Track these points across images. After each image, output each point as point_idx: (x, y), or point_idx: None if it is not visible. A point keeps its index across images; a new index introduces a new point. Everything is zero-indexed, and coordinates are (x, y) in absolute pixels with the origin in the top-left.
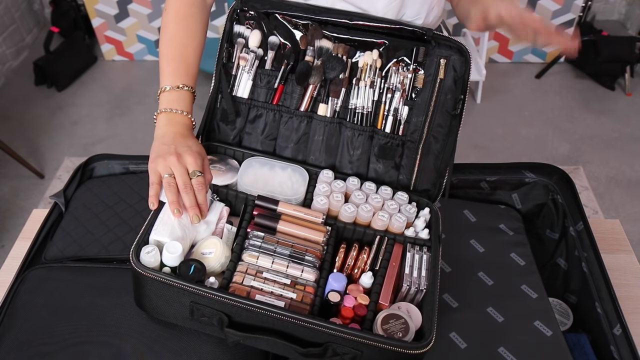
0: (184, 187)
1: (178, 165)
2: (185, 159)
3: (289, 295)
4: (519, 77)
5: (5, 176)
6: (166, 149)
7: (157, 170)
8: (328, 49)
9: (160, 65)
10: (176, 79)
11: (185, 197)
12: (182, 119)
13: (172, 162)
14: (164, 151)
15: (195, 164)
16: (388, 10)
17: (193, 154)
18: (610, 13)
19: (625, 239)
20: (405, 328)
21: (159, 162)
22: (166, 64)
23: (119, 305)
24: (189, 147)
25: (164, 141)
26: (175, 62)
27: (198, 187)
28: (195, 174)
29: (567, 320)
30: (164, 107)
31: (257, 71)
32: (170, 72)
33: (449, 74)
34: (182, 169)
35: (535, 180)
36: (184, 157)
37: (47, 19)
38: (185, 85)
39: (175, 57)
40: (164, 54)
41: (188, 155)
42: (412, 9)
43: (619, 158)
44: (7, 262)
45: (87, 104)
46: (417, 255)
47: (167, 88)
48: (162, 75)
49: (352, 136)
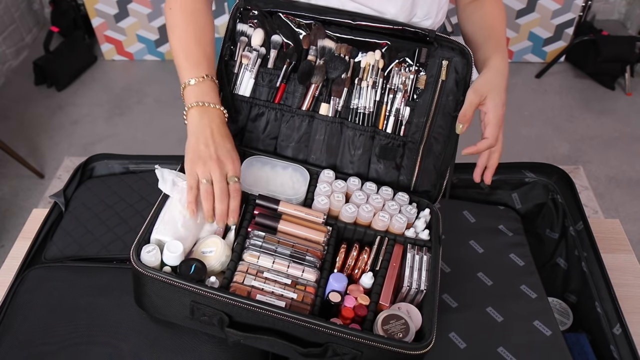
0: (220, 195)
1: (218, 171)
2: (226, 166)
3: (289, 295)
4: (519, 76)
5: (5, 176)
6: (205, 150)
7: (196, 175)
8: (330, 48)
9: (177, 62)
10: (199, 70)
11: (218, 205)
12: (216, 111)
13: (213, 168)
14: (203, 153)
15: (234, 171)
16: (400, 13)
17: (234, 160)
18: (610, 13)
19: (625, 239)
20: (405, 328)
21: (199, 165)
22: (183, 58)
23: (119, 304)
24: (228, 150)
25: (203, 140)
26: (193, 55)
27: (234, 194)
28: (233, 180)
29: (567, 319)
30: (194, 101)
31: (259, 70)
32: (191, 66)
33: (451, 75)
34: (221, 176)
35: (535, 180)
36: (225, 163)
37: (47, 19)
38: (209, 75)
39: (192, 51)
40: (179, 50)
41: (229, 161)
42: (422, 10)
43: (619, 158)
44: (7, 261)
45: (87, 103)
46: (417, 256)
47: (192, 82)
48: (182, 70)
49: (354, 136)
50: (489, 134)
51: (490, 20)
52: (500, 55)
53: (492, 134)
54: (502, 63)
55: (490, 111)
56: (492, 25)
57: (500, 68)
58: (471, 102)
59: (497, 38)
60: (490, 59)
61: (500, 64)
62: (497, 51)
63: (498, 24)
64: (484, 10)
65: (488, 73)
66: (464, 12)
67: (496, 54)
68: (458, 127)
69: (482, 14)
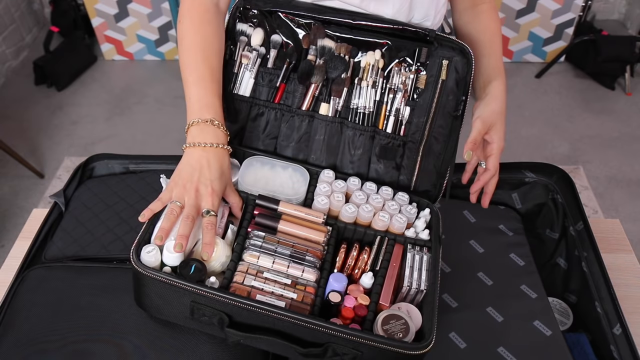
0: (185, 217)
1: (193, 199)
2: (203, 198)
3: (289, 296)
4: (519, 76)
5: (5, 176)
6: (189, 177)
7: (171, 194)
8: (330, 48)
9: (183, 75)
10: (201, 91)
11: (181, 226)
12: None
13: (189, 194)
14: (187, 177)
15: (211, 205)
16: (398, 15)
17: (213, 195)
18: (610, 13)
19: (625, 239)
20: (405, 329)
21: (179, 187)
22: (189, 72)
23: (119, 304)
24: (212, 186)
25: (194, 167)
26: (199, 67)
27: (207, 226)
28: (207, 213)
29: (567, 319)
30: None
31: (259, 69)
32: (195, 80)
33: (451, 75)
34: (194, 204)
35: (535, 180)
36: (203, 196)
37: (47, 19)
38: (215, 120)
39: (197, 63)
40: (186, 63)
41: (207, 194)
42: (420, 12)
43: (619, 158)
44: (7, 261)
45: (87, 103)
46: (417, 256)
47: (198, 121)
48: (187, 86)
49: (354, 136)
50: (492, 166)
51: (488, 35)
52: (501, 79)
53: (495, 165)
54: (503, 88)
55: (495, 143)
56: (491, 42)
57: (502, 95)
58: (480, 132)
59: (496, 57)
60: (492, 84)
61: (502, 90)
62: (499, 75)
63: (496, 40)
64: (481, 23)
65: (493, 103)
66: (460, 19)
67: (498, 79)
68: (468, 154)
69: (479, 27)
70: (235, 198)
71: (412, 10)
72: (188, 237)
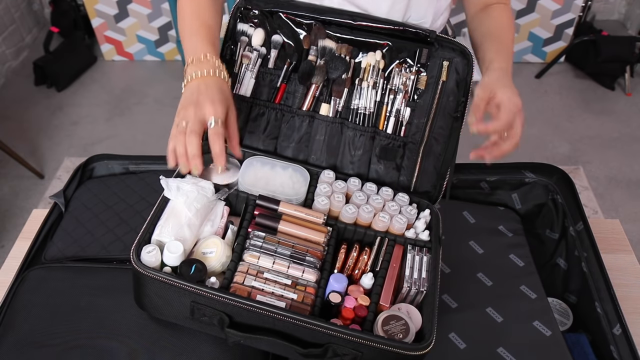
0: (189, 133)
1: (192, 114)
2: (204, 108)
3: (289, 296)
4: (519, 77)
5: (5, 176)
6: (189, 98)
7: (175, 122)
8: (331, 49)
9: (182, 39)
10: (196, 42)
11: (188, 144)
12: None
13: (189, 112)
14: (186, 102)
15: (213, 113)
16: (393, 12)
17: (214, 102)
18: (610, 13)
19: (625, 239)
20: (405, 329)
21: (181, 113)
22: (185, 32)
23: (119, 305)
24: (210, 96)
25: (191, 91)
26: (193, 25)
27: (213, 137)
28: (211, 122)
29: (567, 320)
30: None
31: (259, 70)
32: (189, 34)
33: (452, 76)
34: (195, 118)
35: (535, 180)
36: (203, 106)
37: (47, 19)
38: (210, 55)
39: (192, 23)
40: (184, 29)
41: (207, 104)
42: (417, 12)
43: (619, 158)
44: (7, 262)
45: (87, 104)
46: (417, 257)
47: (192, 60)
48: (184, 43)
49: (354, 136)
50: (501, 117)
51: (498, 26)
52: (504, 57)
53: (503, 117)
54: (507, 65)
55: (505, 101)
56: (499, 30)
57: (505, 69)
58: (481, 97)
59: (502, 41)
60: (494, 61)
61: (505, 66)
62: (501, 54)
63: (505, 29)
64: (491, 19)
65: (494, 73)
66: (472, 22)
67: (500, 56)
68: (471, 119)
69: (490, 23)
70: (234, 128)
71: (409, 10)
72: (199, 155)
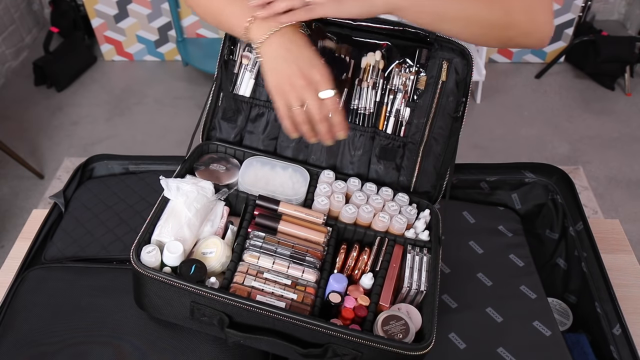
0: (321, 119)
1: (309, 91)
2: (314, 78)
3: (289, 296)
4: (519, 77)
5: (5, 176)
6: (287, 68)
7: (287, 102)
8: (331, 49)
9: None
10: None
11: (321, 127)
12: (289, 29)
13: (301, 88)
14: (286, 72)
15: (325, 82)
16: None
17: (319, 70)
18: (610, 13)
19: (625, 239)
20: (405, 329)
21: (286, 90)
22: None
23: (118, 305)
24: (310, 59)
25: (281, 56)
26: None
27: (333, 109)
28: (327, 94)
29: (567, 320)
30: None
31: (259, 70)
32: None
33: (451, 76)
34: (314, 95)
35: (535, 181)
36: (312, 75)
37: (47, 19)
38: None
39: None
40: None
41: (315, 72)
42: None
43: (618, 158)
44: (6, 262)
45: (87, 104)
46: (417, 257)
47: (252, 19)
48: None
49: (354, 137)
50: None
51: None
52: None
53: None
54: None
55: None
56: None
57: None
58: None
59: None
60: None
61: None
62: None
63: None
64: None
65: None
66: None
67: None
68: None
69: None
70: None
71: None
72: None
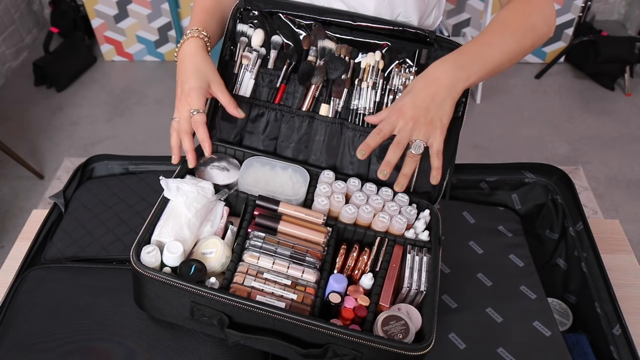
0: (183, 134)
1: (182, 109)
2: (189, 100)
3: (289, 296)
4: (519, 77)
5: (5, 177)
6: (178, 91)
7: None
8: (331, 49)
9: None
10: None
11: (183, 142)
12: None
13: (178, 107)
14: (177, 93)
15: (189, 104)
16: (381, 10)
17: (190, 93)
18: (610, 13)
19: (624, 239)
20: (405, 329)
21: (176, 106)
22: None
23: (118, 305)
24: (186, 81)
25: (178, 79)
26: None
27: (195, 126)
28: (194, 112)
29: (567, 320)
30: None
31: (259, 70)
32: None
33: None
34: (185, 113)
35: (534, 181)
36: (188, 98)
37: (47, 20)
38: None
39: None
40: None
41: (190, 95)
42: (405, 10)
43: (618, 158)
44: (6, 262)
45: (87, 104)
46: (417, 257)
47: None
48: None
49: (354, 137)
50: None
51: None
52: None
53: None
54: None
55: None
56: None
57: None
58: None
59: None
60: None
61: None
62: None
63: (499, 15)
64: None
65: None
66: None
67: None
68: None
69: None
70: (224, 96)
71: (397, 8)
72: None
